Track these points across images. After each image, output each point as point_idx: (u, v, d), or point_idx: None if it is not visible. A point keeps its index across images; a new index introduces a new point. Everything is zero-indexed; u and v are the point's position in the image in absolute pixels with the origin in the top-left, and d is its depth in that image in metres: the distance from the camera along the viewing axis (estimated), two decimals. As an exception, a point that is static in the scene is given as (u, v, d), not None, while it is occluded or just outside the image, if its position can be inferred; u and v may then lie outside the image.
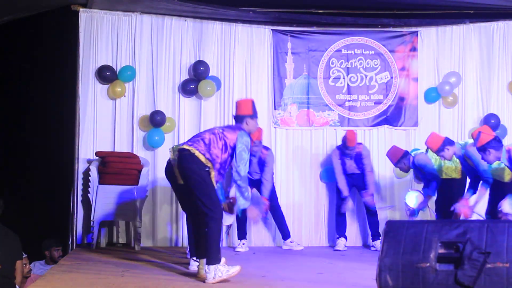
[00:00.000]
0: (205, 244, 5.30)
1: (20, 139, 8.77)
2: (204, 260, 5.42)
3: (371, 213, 7.82)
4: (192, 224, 5.81)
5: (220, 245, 5.52)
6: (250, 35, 8.34)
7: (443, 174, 7.27)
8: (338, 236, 7.86)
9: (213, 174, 5.35)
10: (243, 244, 7.62)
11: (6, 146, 8.71)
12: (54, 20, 8.07)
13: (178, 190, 5.80)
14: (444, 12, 8.40)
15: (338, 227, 7.89)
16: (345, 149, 7.66)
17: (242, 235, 7.68)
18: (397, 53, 8.47)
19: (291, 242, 7.76)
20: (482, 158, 6.22)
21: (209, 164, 5.34)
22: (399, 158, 7.35)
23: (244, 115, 5.54)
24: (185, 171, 5.38)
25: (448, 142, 6.76)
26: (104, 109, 7.96)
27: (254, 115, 5.57)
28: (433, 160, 7.25)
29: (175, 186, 5.81)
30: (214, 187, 5.36)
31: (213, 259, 5.24)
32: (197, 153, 5.31)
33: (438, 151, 6.77)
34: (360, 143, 7.84)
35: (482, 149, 6.14)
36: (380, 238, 7.42)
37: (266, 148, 7.72)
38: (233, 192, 5.54)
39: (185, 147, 5.38)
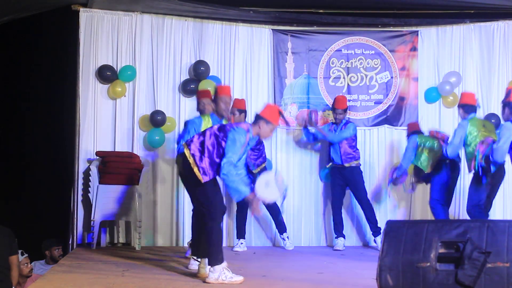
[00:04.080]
0: (205, 245, 5.33)
1: (20, 138, 8.77)
2: (205, 260, 5.44)
3: (366, 206, 7.82)
4: (194, 222, 5.92)
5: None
6: (250, 34, 8.34)
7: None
8: (336, 236, 7.87)
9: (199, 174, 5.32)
10: (241, 243, 7.61)
11: (6, 145, 8.72)
12: (55, 20, 8.08)
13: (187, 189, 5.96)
14: (444, 12, 8.41)
15: (336, 226, 7.88)
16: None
17: (240, 234, 7.67)
18: (397, 53, 8.47)
19: (287, 237, 7.74)
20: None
21: (195, 168, 5.32)
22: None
23: (262, 117, 5.39)
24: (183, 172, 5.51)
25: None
26: (104, 109, 7.96)
27: (270, 122, 5.37)
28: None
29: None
30: (212, 187, 5.38)
31: (215, 260, 5.25)
32: (190, 158, 5.34)
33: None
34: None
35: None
36: (380, 233, 7.51)
37: None
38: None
39: (185, 151, 5.41)
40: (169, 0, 7.88)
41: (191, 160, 5.33)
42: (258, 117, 5.43)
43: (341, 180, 7.83)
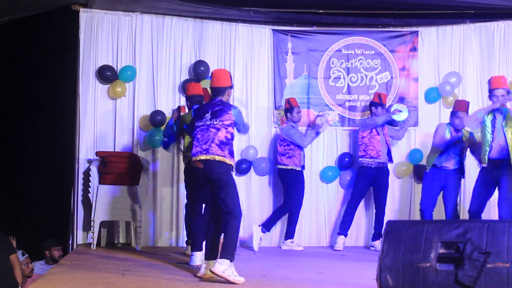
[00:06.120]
0: (226, 241, 5.38)
1: (20, 138, 8.78)
2: (211, 262, 5.46)
3: (380, 212, 7.83)
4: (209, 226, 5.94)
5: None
6: (250, 35, 8.34)
7: None
8: (339, 232, 7.84)
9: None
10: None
11: (6, 145, 8.72)
12: (55, 20, 8.08)
13: (200, 192, 6.16)
14: (444, 12, 8.40)
15: (343, 224, 7.86)
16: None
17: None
18: (398, 53, 8.47)
19: (291, 242, 7.76)
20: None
21: (232, 162, 5.54)
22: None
23: (225, 87, 5.60)
24: (210, 176, 5.52)
25: None
26: (104, 109, 7.96)
27: (232, 85, 5.71)
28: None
29: (197, 189, 6.22)
30: (235, 186, 5.54)
31: (228, 254, 5.31)
32: (221, 159, 5.47)
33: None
34: None
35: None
36: (381, 238, 7.49)
37: None
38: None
39: (208, 157, 5.48)
40: (169, 0, 7.87)
41: (218, 158, 5.46)
42: (221, 89, 5.59)
43: (369, 180, 7.78)
